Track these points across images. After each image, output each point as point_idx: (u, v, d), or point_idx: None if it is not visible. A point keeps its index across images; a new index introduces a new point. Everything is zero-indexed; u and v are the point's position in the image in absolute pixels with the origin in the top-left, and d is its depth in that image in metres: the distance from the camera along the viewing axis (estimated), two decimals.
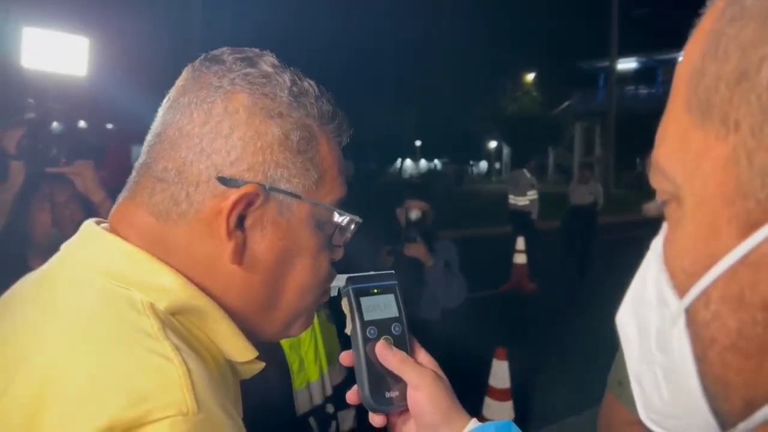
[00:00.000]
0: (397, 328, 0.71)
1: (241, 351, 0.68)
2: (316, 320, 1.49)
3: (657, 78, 41.70)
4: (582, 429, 4.27)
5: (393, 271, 0.75)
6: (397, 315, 0.72)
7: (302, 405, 1.39)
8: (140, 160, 0.70)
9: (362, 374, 0.69)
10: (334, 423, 1.48)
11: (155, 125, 0.70)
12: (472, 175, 46.69)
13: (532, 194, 9.75)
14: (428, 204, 3.13)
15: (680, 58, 0.37)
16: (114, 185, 0.87)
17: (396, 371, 0.70)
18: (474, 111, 35.03)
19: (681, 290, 0.36)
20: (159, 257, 0.65)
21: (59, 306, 0.62)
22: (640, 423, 1.42)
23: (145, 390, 0.54)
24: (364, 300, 0.71)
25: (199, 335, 0.65)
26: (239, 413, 0.69)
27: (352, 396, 0.71)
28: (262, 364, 0.72)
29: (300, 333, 0.75)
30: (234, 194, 0.64)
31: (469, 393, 4.09)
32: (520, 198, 9.79)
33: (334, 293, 0.75)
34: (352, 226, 0.75)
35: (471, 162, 45.16)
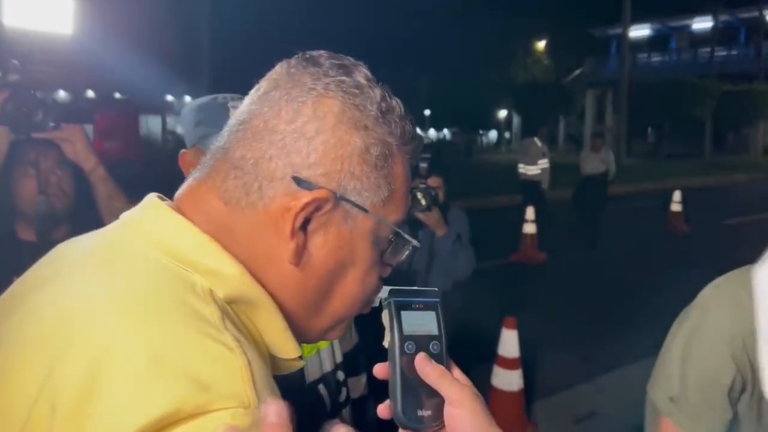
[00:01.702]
0: (435, 347, 0.69)
1: (286, 347, 0.69)
2: None
3: (670, 45, 41.10)
4: (591, 397, 4.31)
5: (436, 289, 0.74)
6: (437, 333, 0.70)
7: (312, 372, 1.39)
8: (218, 143, 0.71)
9: (396, 389, 0.68)
10: (344, 390, 1.49)
11: (240, 112, 0.71)
12: (482, 145, 46.41)
13: (544, 163, 9.67)
14: (442, 180, 3.10)
15: (693, 25, 0.36)
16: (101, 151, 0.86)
17: (435, 385, 0.68)
18: (484, 80, 34.69)
19: None
20: (223, 245, 0.66)
21: (116, 279, 0.61)
22: None
23: (208, 378, 0.53)
24: (405, 314, 0.70)
25: (250, 326, 0.66)
26: None
27: (383, 410, 0.70)
28: (302, 363, 0.73)
29: (336, 338, 0.78)
30: (306, 196, 0.65)
31: (479, 362, 4.15)
32: (531, 167, 9.72)
33: (375, 303, 0.75)
34: (407, 248, 0.75)
35: (481, 132, 44.85)
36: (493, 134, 50.51)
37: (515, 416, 3.68)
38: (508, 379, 3.70)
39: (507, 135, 47.57)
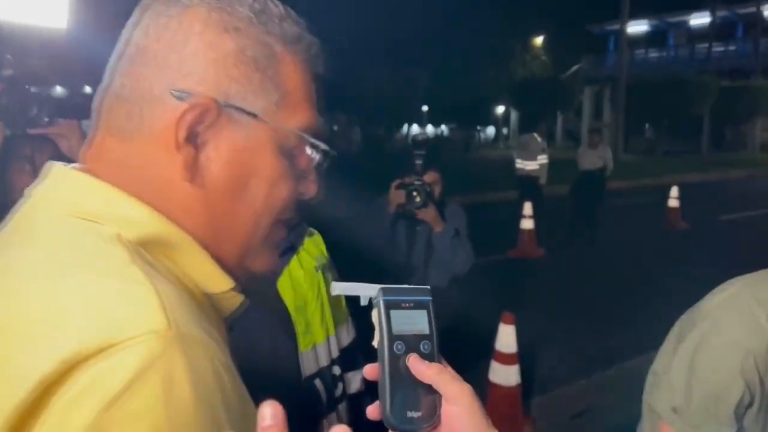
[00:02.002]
0: (426, 346, 0.67)
1: (215, 279, 0.67)
2: (322, 282, 1.49)
3: (668, 41, 41.11)
4: (588, 393, 4.31)
5: (428, 287, 0.71)
6: (428, 333, 0.68)
7: (308, 367, 1.39)
8: (102, 83, 0.69)
9: (385, 390, 0.66)
10: (340, 385, 1.49)
11: (117, 46, 0.69)
12: (480, 141, 46.38)
13: (543, 159, 9.69)
14: (440, 175, 3.09)
15: (691, 21, 0.35)
16: None
17: (433, 383, 0.65)
18: (482, 76, 34.68)
19: None
20: (124, 186, 0.64)
21: (31, 247, 0.61)
22: None
23: (114, 313, 0.52)
24: (394, 313, 0.68)
25: (173, 268, 0.64)
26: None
27: (372, 411, 0.67)
28: (241, 297, 0.70)
29: (263, 269, 0.72)
30: (184, 106, 0.63)
31: (476, 357, 4.15)
32: (530, 162, 9.72)
33: (365, 302, 0.71)
34: (320, 155, 0.72)
35: (479, 128, 44.82)
36: (490, 130, 50.49)
37: (512, 411, 3.68)
38: (505, 375, 3.70)
39: (505, 131, 47.57)
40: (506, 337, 3.72)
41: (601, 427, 3.85)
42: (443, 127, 46.15)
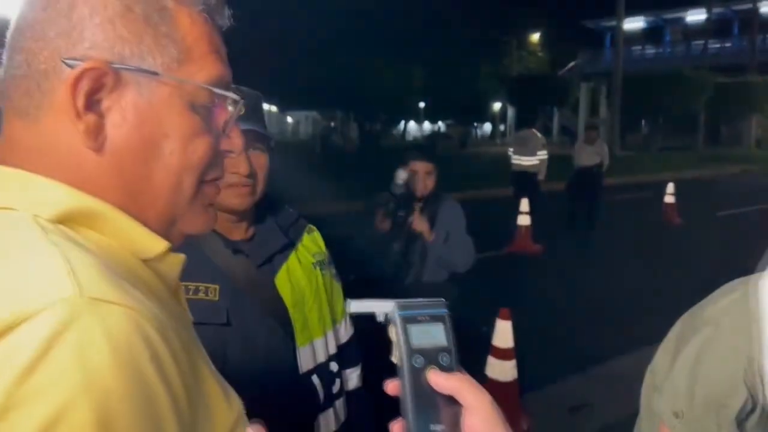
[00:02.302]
0: (445, 359, 0.67)
1: (147, 243, 0.66)
2: (320, 279, 1.49)
3: (664, 37, 41.13)
4: (585, 388, 4.33)
5: (443, 300, 0.71)
6: (446, 345, 0.68)
7: (305, 363, 1.39)
8: (2, 65, 0.67)
9: (406, 404, 0.66)
10: (338, 381, 1.49)
11: (11, 24, 0.67)
12: (477, 137, 46.39)
13: (543, 154, 9.71)
14: (433, 166, 3.10)
15: (687, 17, 0.36)
16: None
17: (454, 393, 0.65)
18: (479, 72, 34.67)
19: None
20: (39, 169, 0.62)
21: None
22: None
23: (23, 288, 0.51)
24: (411, 327, 0.68)
25: (101, 239, 0.62)
26: (185, 328, 0.67)
27: (396, 428, 0.66)
28: (180, 256, 0.69)
29: (196, 230, 0.72)
30: (75, 73, 0.61)
31: (473, 352, 4.15)
32: (529, 158, 9.72)
33: (381, 319, 0.70)
34: (231, 105, 0.72)
35: (475, 124, 44.84)
36: (487, 127, 50.50)
37: (509, 406, 3.69)
38: (502, 370, 3.71)
39: (501, 127, 47.58)
40: (503, 333, 3.73)
41: (598, 421, 3.87)
42: (440, 123, 46.14)
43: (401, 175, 3.04)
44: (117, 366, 0.50)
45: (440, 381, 0.65)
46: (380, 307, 0.70)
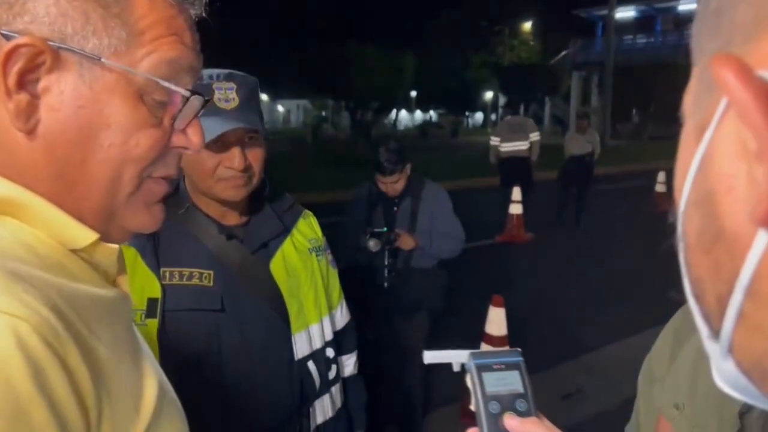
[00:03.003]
0: (522, 405, 0.68)
1: (73, 234, 0.62)
2: (316, 264, 1.48)
3: (656, 27, 41.15)
4: (577, 375, 4.35)
5: (519, 349, 0.73)
6: (523, 391, 0.69)
7: (301, 349, 1.39)
8: None
9: None
10: (334, 367, 1.49)
11: None
12: (468, 126, 46.37)
13: (535, 136, 9.09)
14: (399, 169, 3.05)
15: (679, 6, 0.38)
16: None
17: None
18: (470, 61, 34.62)
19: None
20: None
21: None
22: None
23: None
24: (486, 375, 0.70)
25: (22, 230, 0.59)
26: (120, 316, 0.65)
27: None
28: (115, 247, 0.66)
29: (139, 227, 0.68)
30: (7, 47, 0.56)
31: (466, 339, 4.15)
32: (521, 143, 9.05)
33: (457, 369, 0.73)
34: (188, 103, 0.66)
35: (467, 113, 44.84)
36: (479, 116, 50.47)
37: None
38: None
39: (493, 117, 47.57)
40: (496, 320, 3.74)
41: (590, 409, 3.89)
42: (432, 112, 46.10)
43: (372, 245, 3.00)
44: None
45: (516, 425, 0.65)
46: (456, 357, 0.73)
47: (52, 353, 0.50)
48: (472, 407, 0.69)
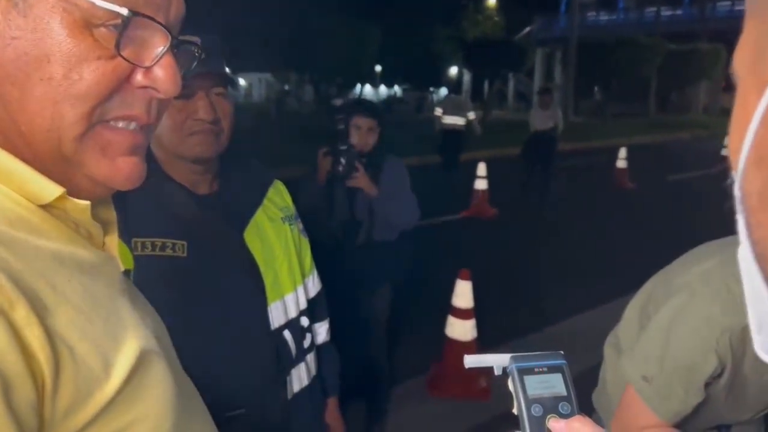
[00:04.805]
0: (565, 408, 0.68)
1: (39, 187, 0.58)
2: (288, 233, 1.47)
3: (618, 4, 41.48)
4: (541, 346, 4.41)
5: (561, 352, 0.72)
6: (566, 394, 0.69)
7: (277, 319, 1.38)
8: None
9: None
10: (309, 335, 1.49)
11: None
12: (433, 102, 46.34)
13: (471, 114, 11.12)
14: (376, 122, 3.04)
15: None
16: None
17: None
18: (435, 35, 34.50)
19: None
20: None
21: None
22: (661, 426, 1.39)
23: None
24: (528, 378, 0.69)
25: None
26: (99, 273, 0.63)
27: None
28: (85, 203, 0.61)
29: (100, 176, 0.62)
30: None
31: (434, 312, 4.18)
32: (459, 118, 10.94)
33: (499, 372, 0.72)
34: (147, 32, 0.60)
35: (431, 89, 44.78)
36: (443, 91, 50.41)
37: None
38: (462, 329, 3.77)
39: (459, 93, 47.53)
40: (463, 293, 3.78)
41: None
42: (396, 87, 45.92)
43: (341, 167, 2.94)
44: None
45: (560, 427, 0.65)
46: (497, 361, 0.72)
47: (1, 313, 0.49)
48: (515, 411, 0.70)
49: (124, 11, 0.57)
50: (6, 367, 0.48)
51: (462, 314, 3.77)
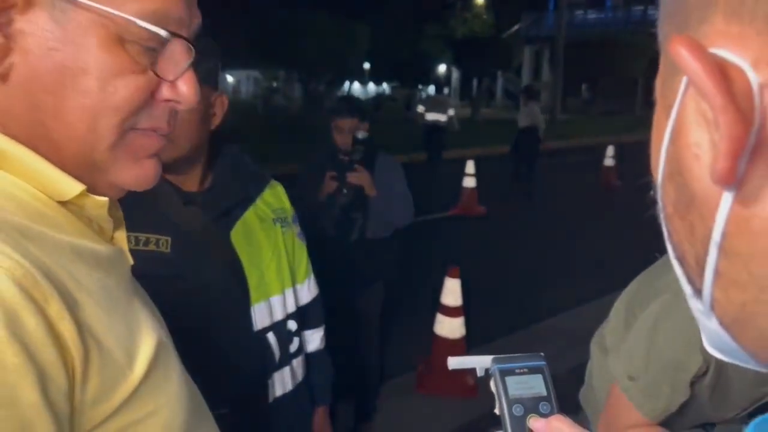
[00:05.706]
0: (545, 407, 0.70)
1: (61, 185, 0.60)
2: (279, 235, 1.46)
3: (606, 3, 41.67)
4: (528, 343, 4.44)
5: (542, 353, 0.75)
6: (546, 394, 0.71)
7: (261, 320, 1.37)
8: None
9: None
10: (296, 340, 1.47)
11: None
12: (422, 100, 46.40)
13: (451, 111, 11.95)
14: (357, 120, 3.04)
15: None
16: None
17: None
18: (424, 33, 34.51)
19: None
20: None
21: None
22: (647, 425, 1.39)
23: None
24: (509, 379, 0.72)
25: (4, 179, 0.58)
26: (113, 270, 0.64)
27: None
28: (104, 199, 0.63)
29: (127, 182, 0.65)
30: None
31: (422, 310, 4.19)
32: (441, 115, 11.70)
33: (481, 373, 0.75)
34: (171, 49, 0.62)
35: (420, 87, 44.81)
36: (432, 89, 50.46)
37: None
38: (450, 327, 3.77)
39: (446, 90, 47.62)
40: (451, 291, 3.78)
41: None
42: (385, 85, 45.90)
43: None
44: None
45: (540, 426, 0.67)
46: (479, 362, 0.76)
47: (28, 300, 0.50)
48: (497, 411, 0.71)
49: (163, 32, 0.60)
50: (43, 359, 0.50)
51: (450, 312, 3.77)
